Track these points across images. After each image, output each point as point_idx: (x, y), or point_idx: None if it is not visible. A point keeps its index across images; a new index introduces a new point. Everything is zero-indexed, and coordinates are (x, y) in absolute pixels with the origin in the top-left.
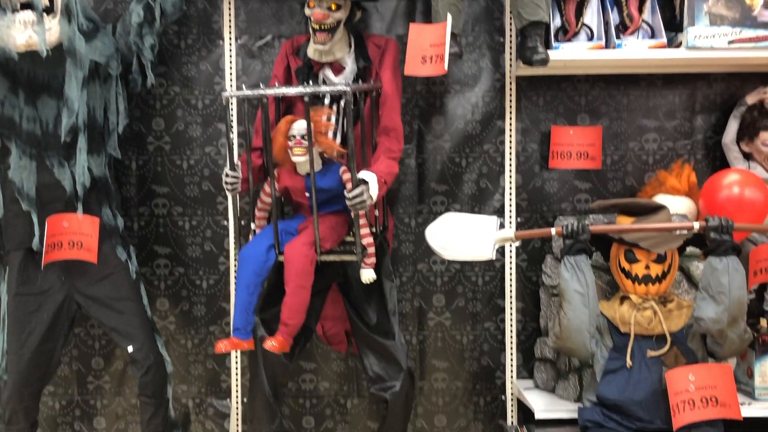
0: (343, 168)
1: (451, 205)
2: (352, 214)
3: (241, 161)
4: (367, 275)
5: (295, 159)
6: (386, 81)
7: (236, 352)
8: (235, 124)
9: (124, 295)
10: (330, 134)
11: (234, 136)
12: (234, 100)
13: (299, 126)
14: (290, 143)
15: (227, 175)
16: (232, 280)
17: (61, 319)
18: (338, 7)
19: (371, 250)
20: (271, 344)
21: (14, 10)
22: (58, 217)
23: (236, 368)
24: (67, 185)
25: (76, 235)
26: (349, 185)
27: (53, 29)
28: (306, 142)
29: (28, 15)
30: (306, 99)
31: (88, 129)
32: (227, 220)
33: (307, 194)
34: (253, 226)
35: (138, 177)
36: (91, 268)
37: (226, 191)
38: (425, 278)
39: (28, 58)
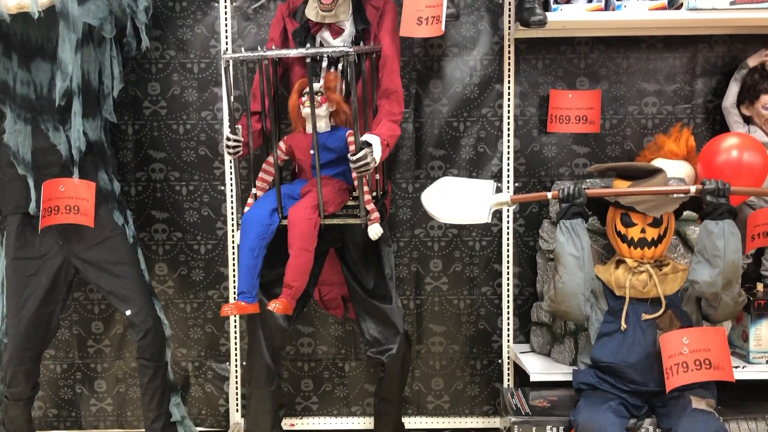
0: (349, 131)
1: (448, 170)
2: (353, 176)
3: (240, 125)
4: (375, 230)
5: (305, 111)
6: (386, 43)
7: (235, 315)
8: (231, 87)
9: (122, 259)
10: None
11: (230, 98)
12: (231, 67)
13: (314, 85)
14: (303, 99)
15: (228, 139)
16: (230, 245)
17: (59, 283)
18: None
19: (375, 215)
20: (275, 306)
21: None
22: (54, 182)
23: (235, 332)
24: (62, 149)
25: (72, 199)
26: (352, 148)
27: None
28: (318, 97)
29: None
30: (308, 60)
31: (83, 93)
32: (224, 185)
33: (311, 152)
34: (254, 190)
35: (134, 142)
36: (88, 233)
37: (227, 155)
38: (422, 243)
39: (21, 20)
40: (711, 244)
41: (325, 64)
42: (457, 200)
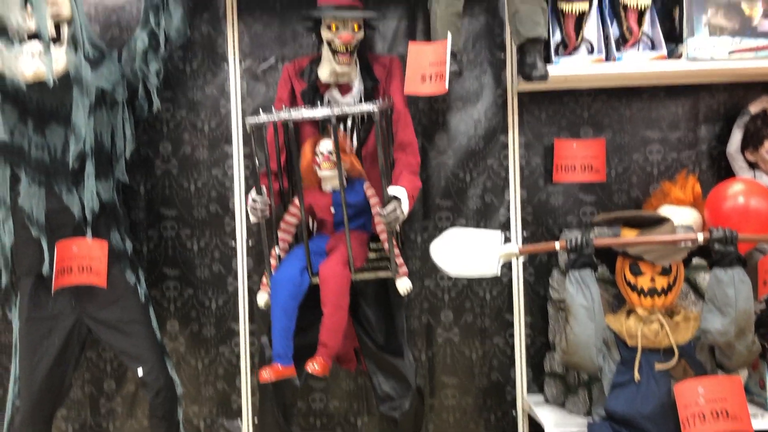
0: (366, 184)
1: (456, 220)
2: (378, 229)
3: (263, 185)
4: (405, 285)
5: (323, 173)
6: (398, 99)
7: (246, 372)
8: (241, 146)
9: (134, 318)
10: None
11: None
12: (240, 126)
13: (326, 144)
14: (318, 159)
15: (255, 201)
16: (241, 301)
17: (72, 343)
18: (360, 28)
19: (404, 269)
20: (313, 367)
21: (22, 41)
22: (67, 243)
23: (246, 388)
24: (75, 211)
25: (85, 259)
26: (373, 200)
27: (60, 59)
28: (333, 158)
29: (35, 46)
30: (333, 121)
31: (96, 155)
32: (235, 241)
33: (332, 210)
34: (276, 250)
35: (146, 200)
36: (100, 292)
37: (254, 218)
38: (433, 294)
39: (36, 87)
40: (721, 293)
41: (334, 120)
42: (465, 252)
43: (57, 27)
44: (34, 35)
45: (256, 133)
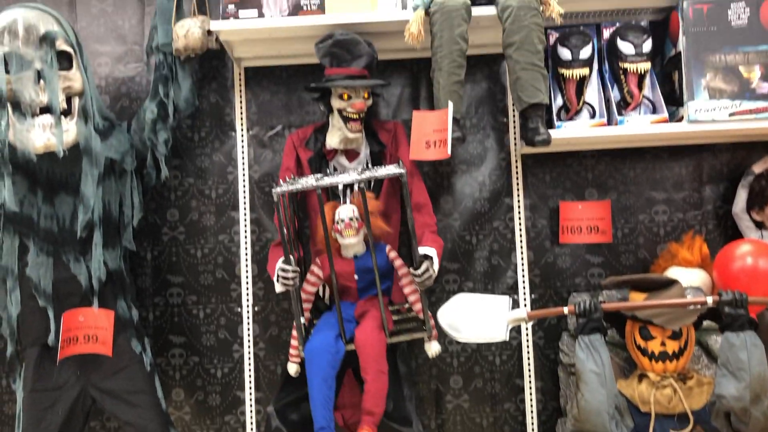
0: (389, 247)
1: (463, 284)
2: (407, 291)
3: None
4: (436, 348)
5: (346, 241)
6: (407, 161)
7: None
8: (248, 212)
9: (139, 388)
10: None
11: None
12: (247, 192)
13: (345, 211)
14: (339, 227)
15: (286, 270)
16: (246, 368)
17: (76, 414)
18: (369, 96)
19: (435, 331)
20: None
21: (34, 115)
22: (74, 312)
23: None
24: (83, 280)
25: (91, 329)
26: (397, 263)
27: (70, 130)
28: (354, 224)
29: (46, 119)
30: (361, 185)
31: (104, 224)
32: (241, 307)
33: (356, 277)
34: (302, 320)
35: (153, 267)
36: (106, 362)
37: (285, 287)
38: (441, 359)
39: (46, 158)
40: (734, 357)
41: (341, 186)
42: (473, 318)
43: (68, 100)
44: (46, 108)
45: (284, 202)
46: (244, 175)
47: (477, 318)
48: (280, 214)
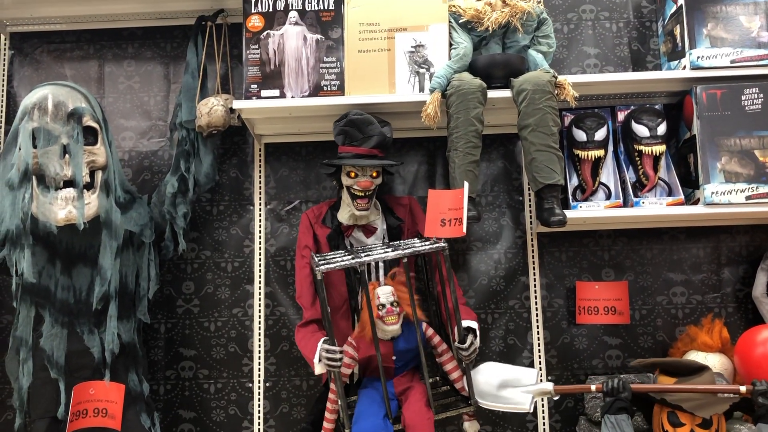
0: (425, 325)
1: (478, 363)
2: (448, 367)
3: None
4: (476, 427)
5: (389, 328)
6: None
7: None
8: (263, 286)
9: None
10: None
11: (261, 298)
12: (263, 266)
13: (385, 293)
14: (380, 312)
15: (333, 352)
16: None
17: None
18: (378, 174)
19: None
20: None
21: (57, 188)
22: (85, 385)
23: None
24: (95, 352)
25: (101, 402)
26: (436, 340)
27: (92, 203)
28: (396, 309)
29: (69, 192)
30: (405, 260)
31: (120, 296)
32: (252, 383)
33: (394, 358)
34: (337, 404)
35: (166, 340)
36: None
37: (328, 368)
38: None
39: (67, 230)
40: None
41: (373, 264)
42: (499, 386)
43: (91, 174)
44: (70, 182)
45: (324, 280)
46: (260, 248)
47: (503, 387)
48: (320, 293)
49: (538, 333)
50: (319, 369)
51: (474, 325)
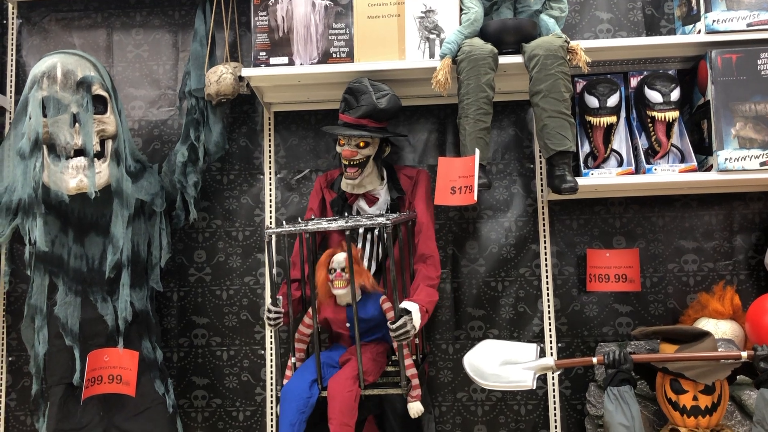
0: (383, 298)
1: (488, 331)
2: (395, 345)
3: (281, 294)
4: (416, 409)
5: (336, 292)
6: (420, 210)
7: None
8: (273, 259)
9: (161, 430)
10: (365, 263)
11: (274, 271)
12: (274, 234)
13: (338, 259)
14: (330, 276)
15: (269, 311)
16: (269, 412)
17: None
18: (366, 144)
19: (416, 382)
20: None
21: (68, 157)
22: (99, 352)
23: None
24: (109, 320)
25: (115, 369)
26: (390, 315)
27: (103, 172)
28: (346, 275)
29: (80, 161)
30: (347, 233)
31: (132, 264)
32: (264, 350)
33: (348, 325)
34: (293, 359)
35: (179, 308)
36: (129, 402)
37: (268, 326)
38: (465, 408)
39: (78, 199)
40: None
41: (361, 230)
42: (500, 365)
43: (102, 142)
44: (80, 151)
45: (272, 244)
46: (271, 217)
47: (503, 365)
48: (268, 253)
49: (548, 301)
50: (267, 328)
51: (413, 307)
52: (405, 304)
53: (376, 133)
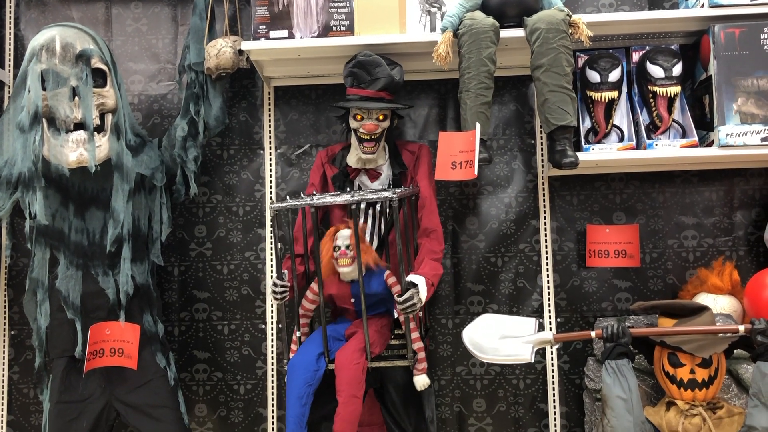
0: (387, 272)
1: (488, 306)
2: (400, 318)
3: (286, 268)
4: (422, 381)
5: (341, 270)
6: (423, 185)
7: None
8: (277, 234)
9: (162, 403)
10: (367, 238)
11: (277, 245)
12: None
13: (343, 236)
14: (335, 254)
15: (275, 285)
16: (269, 385)
17: (101, 426)
18: (385, 117)
19: (422, 354)
20: None
21: (68, 131)
22: (101, 325)
23: None
24: (110, 293)
25: (117, 342)
26: (395, 289)
27: (103, 146)
28: (351, 252)
29: (80, 134)
30: (353, 207)
31: (133, 238)
32: (265, 324)
33: (353, 300)
34: (298, 333)
35: (179, 282)
36: (130, 375)
37: (273, 300)
38: (464, 382)
39: (79, 172)
40: (766, 387)
41: (363, 205)
42: (498, 338)
43: (101, 116)
44: (80, 124)
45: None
46: (271, 192)
47: (502, 338)
48: (274, 228)
49: (548, 276)
50: (271, 301)
51: (420, 280)
52: (411, 278)
53: (399, 105)
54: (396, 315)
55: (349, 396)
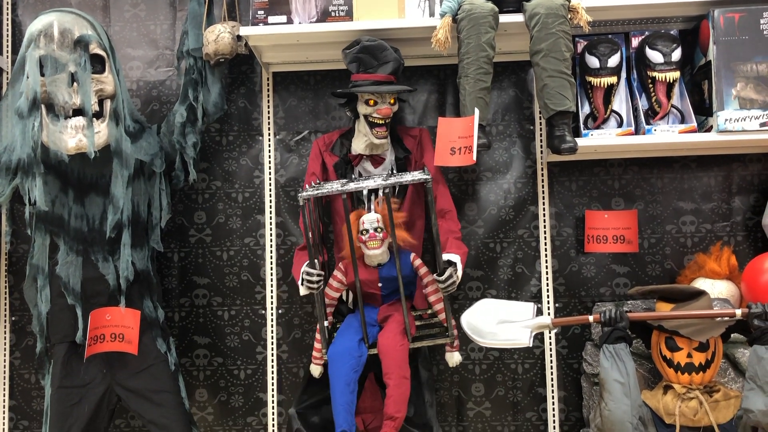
0: (413, 255)
1: (486, 291)
2: (432, 298)
3: (317, 260)
4: (456, 358)
5: (370, 252)
6: (432, 167)
7: None
8: (274, 216)
9: (163, 387)
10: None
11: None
12: (273, 196)
13: (370, 219)
14: (363, 237)
15: (310, 274)
16: (269, 370)
17: (102, 411)
18: (395, 101)
19: (457, 342)
20: None
21: (67, 117)
22: (101, 311)
23: None
24: (110, 279)
25: (118, 327)
26: (422, 270)
27: (102, 132)
28: (380, 234)
29: (79, 120)
30: (387, 191)
31: (132, 224)
32: (265, 309)
33: (380, 285)
34: (325, 323)
35: (179, 268)
36: (131, 360)
37: (305, 290)
38: (463, 366)
39: (78, 158)
40: (763, 371)
41: (366, 191)
42: (497, 323)
43: (100, 102)
44: (79, 110)
45: (309, 206)
46: (270, 179)
47: (501, 323)
48: (305, 218)
49: (546, 262)
50: (303, 291)
51: (456, 259)
52: (448, 256)
53: (410, 88)
54: (426, 294)
55: (400, 378)
